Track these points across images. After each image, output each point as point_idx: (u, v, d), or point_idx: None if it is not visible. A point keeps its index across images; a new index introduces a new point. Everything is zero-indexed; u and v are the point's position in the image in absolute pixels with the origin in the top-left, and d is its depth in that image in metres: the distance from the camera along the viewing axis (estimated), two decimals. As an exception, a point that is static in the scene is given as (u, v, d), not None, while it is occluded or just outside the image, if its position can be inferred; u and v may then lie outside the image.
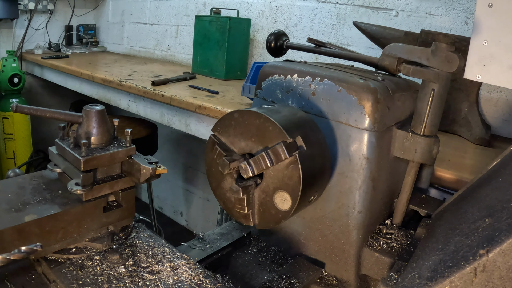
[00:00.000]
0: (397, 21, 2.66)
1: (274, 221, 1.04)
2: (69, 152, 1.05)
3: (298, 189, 0.97)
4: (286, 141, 0.96)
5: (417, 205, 1.28)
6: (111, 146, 1.10)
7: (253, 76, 2.48)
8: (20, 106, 1.04)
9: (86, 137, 1.07)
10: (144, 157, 1.12)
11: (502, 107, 2.27)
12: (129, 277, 0.91)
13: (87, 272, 0.91)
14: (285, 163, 0.98)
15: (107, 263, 0.95)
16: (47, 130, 4.89)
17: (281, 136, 0.97)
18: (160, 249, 1.03)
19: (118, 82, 3.05)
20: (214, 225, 4.12)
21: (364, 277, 1.19)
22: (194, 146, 4.48)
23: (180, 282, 0.92)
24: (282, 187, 1.00)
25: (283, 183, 0.99)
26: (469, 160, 1.87)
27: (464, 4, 2.37)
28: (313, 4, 3.09)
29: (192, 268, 0.97)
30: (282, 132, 0.97)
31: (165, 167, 1.09)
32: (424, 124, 1.13)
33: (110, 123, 1.13)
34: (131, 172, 1.10)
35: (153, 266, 0.96)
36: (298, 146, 0.98)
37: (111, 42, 4.99)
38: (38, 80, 4.69)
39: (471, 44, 1.15)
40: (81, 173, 1.01)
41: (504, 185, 0.89)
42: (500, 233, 0.65)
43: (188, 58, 4.00)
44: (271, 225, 1.06)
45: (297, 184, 0.97)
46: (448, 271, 0.69)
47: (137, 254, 1.00)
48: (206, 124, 2.57)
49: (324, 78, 1.15)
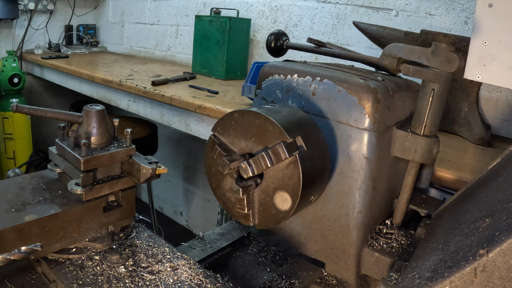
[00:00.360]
0: (397, 21, 2.66)
1: (274, 221, 1.04)
2: (69, 152, 1.04)
3: (298, 189, 0.97)
4: (286, 141, 0.96)
5: (417, 205, 1.28)
6: (111, 146, 1.09)
7: (253, 76, 2.48)
8: (20, 106, 1.04)
9: (86, 137, 1.07)
10: (144, 157, 1.12)
11: (502, 107, 2.27)
12: (129, 277, 0.91)
13: (87, 272, 0.91)
14: (285, 163, 0.98)
15: (107, 263, 0.95)
16: (47, 130, 4.89)
17: (281, 136, 0.97)
18: (160, 249, 1.03)
19: (118, 82, 3.05)
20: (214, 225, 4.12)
21: (364, 277, 1.19)
22: (194, 146, 4.48)
23: (180, 282, 0.91)
24: (282, 187, 1.00)
25: (283, 183, 0.99)
26: (469, 160, 1.87)
27: (464, 4, 2.37)
28: (313, 4, 3.09)
29: (192, 268, 0.96)
30: (282, 132, 0.97)
31: (165, 167, 1.09)
32: (424, 124, 1.13)
33: (110, 123, 1.12)
34: (131, 172, 1.10)
35: (153, 266, 0.96)
36: (298, 146, 0.98)
37: (111, 42, 4.99)
38: (38, 80, 4.69)
39: (471, 44, 1.15)
40: (81, 173, 1.01)
41: (504, 185, 0.89)
42: (500, 233, 0.65)
43: (188, 58, 4.00)
44: (271, 225, 1.06)
45: (297, 184, 0.97)
46: (448, 271, 0.69)
47: (137, 254, 1.00)
48: (206, 124, 2.57)
49: (324, 78, 1.15)
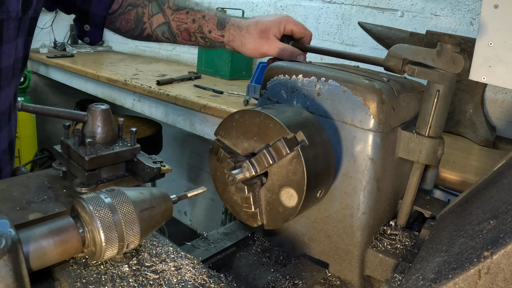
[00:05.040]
0: (402, 22, 2.65)
1: (282, 219, 1.04)
2: (73, 151, 1.05)
3: (303, 183, 0.96)
4: (286, 137, 0.96)
5: (421, 207, 1.28)
6: (115, 145, 1.09)
7: (258, 76, 2.49)
8: (26, 105, 1.04)
9: (91, 136, 1.07)
10: (149, 156, 1.12)
11: (507, 109, 2.27)
12: (132, 276, 0.91)
13: (91, 271, 0.91)
14: (288, 159, 0.97)
15: (111, 262, 0.95)
16: (52, 129, 4.92)
17: (282, 132, 0.97)
18: (164, 248, 1.03)
19: (123, 82, 3.06)
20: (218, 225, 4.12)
21: (368, 278, 1.19)
22: (198, 145, 4.49)
23: (184, 282, 0.91)
24: (287, 183, 0.99)
25: (288, 179, 0.99)
26: (474, 161, 1.86)
27: (469, 5, 2.36)
28: (318, 5, 3.09)
29: (195, 268, 0.96)
30: (282, 128, 0.96)
31: (169, 166, 1.09)
32: (429, 125, 1.12)
33: (115, 122, 1.13)
34: (135, 172, 1.10)
35: (157, 266, 0.96)
36: (300, 141, 0.97)
37: (116, 42, 5.00)
38: (43, 79, 4.72)
39: (476, 45, 1.14)
40: (86, 172, 1.01)
41: (509, 187, 0.89)
42: (505, 235, 0.65)
43: (193, 58, 4.01)
44: (280, 224, 1.05)
45: (301, 179, 0.96)
46: (452, 273, 0.68)
47: (141, 253, 1.00)
48: (211, 124, 2.58)
49: (329, 79, 1.15)
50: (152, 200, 0.87)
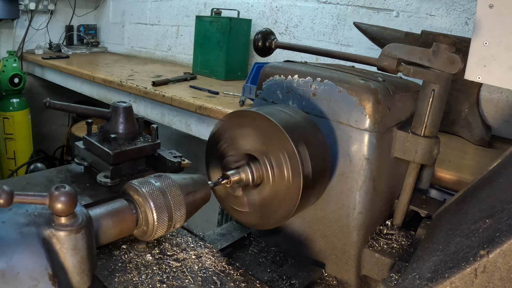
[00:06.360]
0: (397, 22, 2.66)
1: (274, 222, 1.04)
2: (98, 146, 1.10)
3: (297, 198, 0.97)
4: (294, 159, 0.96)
5: (417, 206, 1.28)
6: (137, 141, 1.16)
7: (253, 77, 2.48)
8: (53, 102, 1.12)
9: (114, 132, 1.13)
10: (169, 151, 1.19)
11: (502, 108, 2.27)
12: (156, 264, 0.95)
13: (116, 260, 0.94)
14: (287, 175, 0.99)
15: (134, 251, 0.99)
16: (47, 130, 4.89)
17: (279, 133, 0.97)
18: (184, 238, 1.07)
19: (118, 83, 3.05)
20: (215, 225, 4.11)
21: (365, 277, 1.19)
22: (194, 146, 4.48)
23: (205, 269, 0.96)
24: (282, 193, 1.00)
25: (283, 191, 1.00)
26: (470, 161, 1.87)
27: (464, 5, 2.37)
28: (313, 5, 3.09)
29: (215, 256, 1.01)
30: (279, 129, 0.96)
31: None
32: (424, 125, 1.13)
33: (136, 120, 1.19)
34: (156, 166, 1.16)
35: (178, 255, 1.00)
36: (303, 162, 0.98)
37: (112, 43, 4.99)
38: (38, 80, 4.70)
39: (471, 45, 1.15)
40: (110, 166, 1.06)
41: (505, 186, 0.89)
42: (501, 234, 0.65)
43: (188, 59, 4.00)
44: (272, 226, 1.06)
45: (296, 196, 0.98)
46: (448, 272, 0.69)
47: (162, 243, 1.03)
48: (207, 125, 2.57)
49: (324, 79, 1.15)
50: (194, 184, 0.93)
